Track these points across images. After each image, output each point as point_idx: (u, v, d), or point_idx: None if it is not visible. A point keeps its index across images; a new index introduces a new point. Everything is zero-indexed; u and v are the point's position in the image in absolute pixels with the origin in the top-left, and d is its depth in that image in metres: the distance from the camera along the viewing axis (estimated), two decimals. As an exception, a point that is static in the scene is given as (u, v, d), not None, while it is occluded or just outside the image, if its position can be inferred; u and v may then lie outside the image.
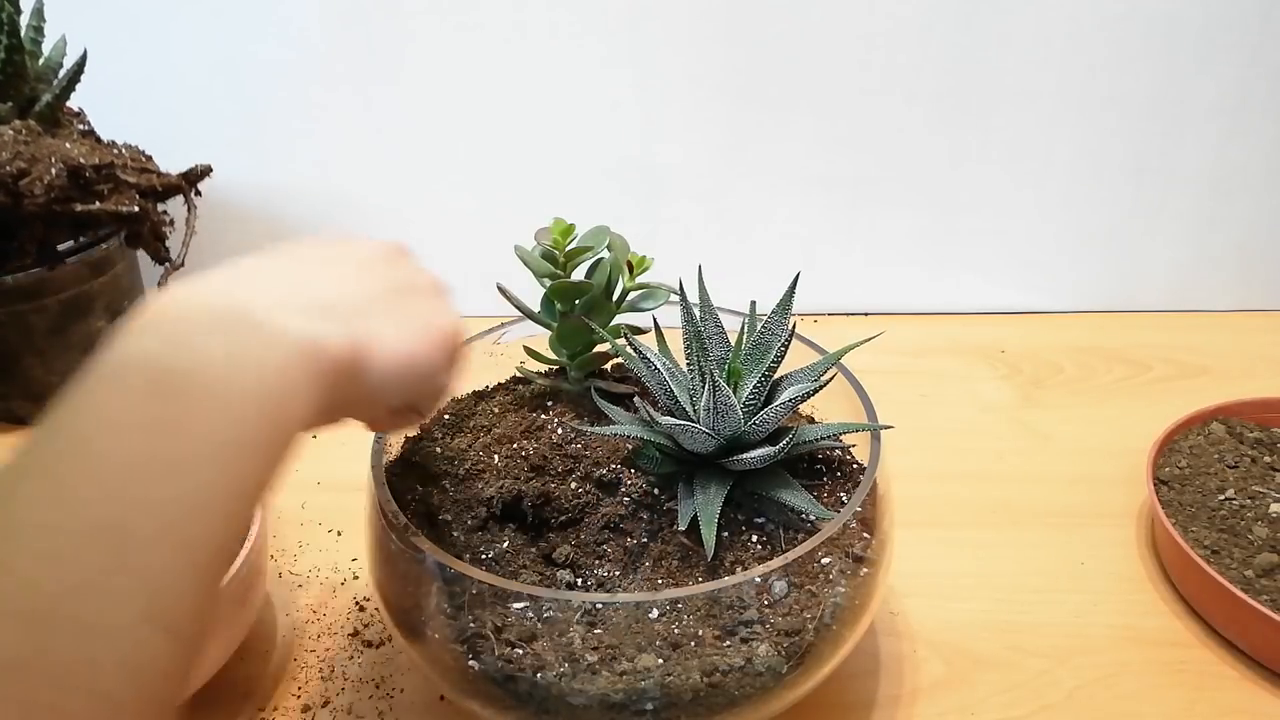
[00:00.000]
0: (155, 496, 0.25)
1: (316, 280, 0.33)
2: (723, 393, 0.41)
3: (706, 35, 0.76)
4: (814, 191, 0.83)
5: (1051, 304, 0.87)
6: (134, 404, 0.27)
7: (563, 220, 0.49)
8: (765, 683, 0.39)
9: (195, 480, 0.26)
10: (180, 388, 0.27)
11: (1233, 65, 0.75)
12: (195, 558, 0.26)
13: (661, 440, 0.45)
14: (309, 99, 0.80)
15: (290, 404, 0.29)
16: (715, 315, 0.47)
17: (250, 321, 0.29)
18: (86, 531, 0.24)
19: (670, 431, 0.44)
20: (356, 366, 0.32)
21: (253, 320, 0.29)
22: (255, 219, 0.85)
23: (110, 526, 0.25)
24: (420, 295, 0.37)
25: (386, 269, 0.37)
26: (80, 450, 0.26)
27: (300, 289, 0.32)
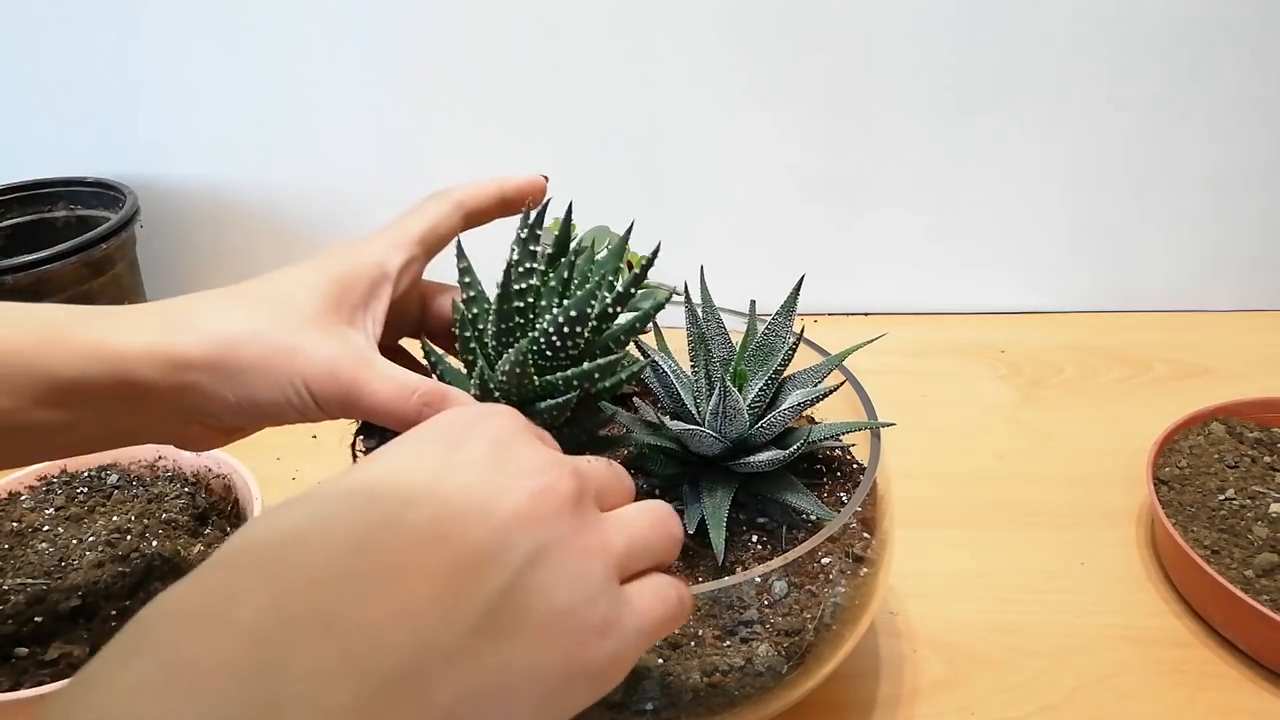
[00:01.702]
0: None
1: (371, 614, 0.23)
2: (732, 397, 0.41)
3: (706, 35, 0.76)
4: (814, 191, 0.83)
5: (1051, 304, 0.87)
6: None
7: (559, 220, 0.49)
8: (765, 683, 0.39)
9: None
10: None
11: (1233, 65, 0.75)
12: None
13: (668, 444, 0.45)
14: (310, 99, 0.80)
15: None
16: (718, 316, 0.47)
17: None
18: None
19: (678, 436, 0.44)
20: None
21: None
22: (255, 219, 0.85)
23: None
24: (561, 610, 0.25)
25: (502, 559, 0.24)
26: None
27: (349, 650, 0.22)
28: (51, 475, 0.54)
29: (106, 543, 0.49)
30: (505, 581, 0.24)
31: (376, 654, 0.22)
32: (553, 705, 0.25)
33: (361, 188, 0.84)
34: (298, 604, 0.22)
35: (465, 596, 0.24)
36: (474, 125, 0.81)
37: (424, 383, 0.35)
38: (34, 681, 0.41)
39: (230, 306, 0.36)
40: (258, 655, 0.21)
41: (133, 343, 0.34)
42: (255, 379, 0.35)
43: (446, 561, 0.24)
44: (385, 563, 0.23)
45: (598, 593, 0.26)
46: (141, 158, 0.83)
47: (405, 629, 0.23)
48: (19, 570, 0.48)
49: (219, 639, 0.21)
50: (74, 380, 0.34)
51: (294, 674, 0.21)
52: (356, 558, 0.23)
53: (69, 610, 0.45)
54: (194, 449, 0.39)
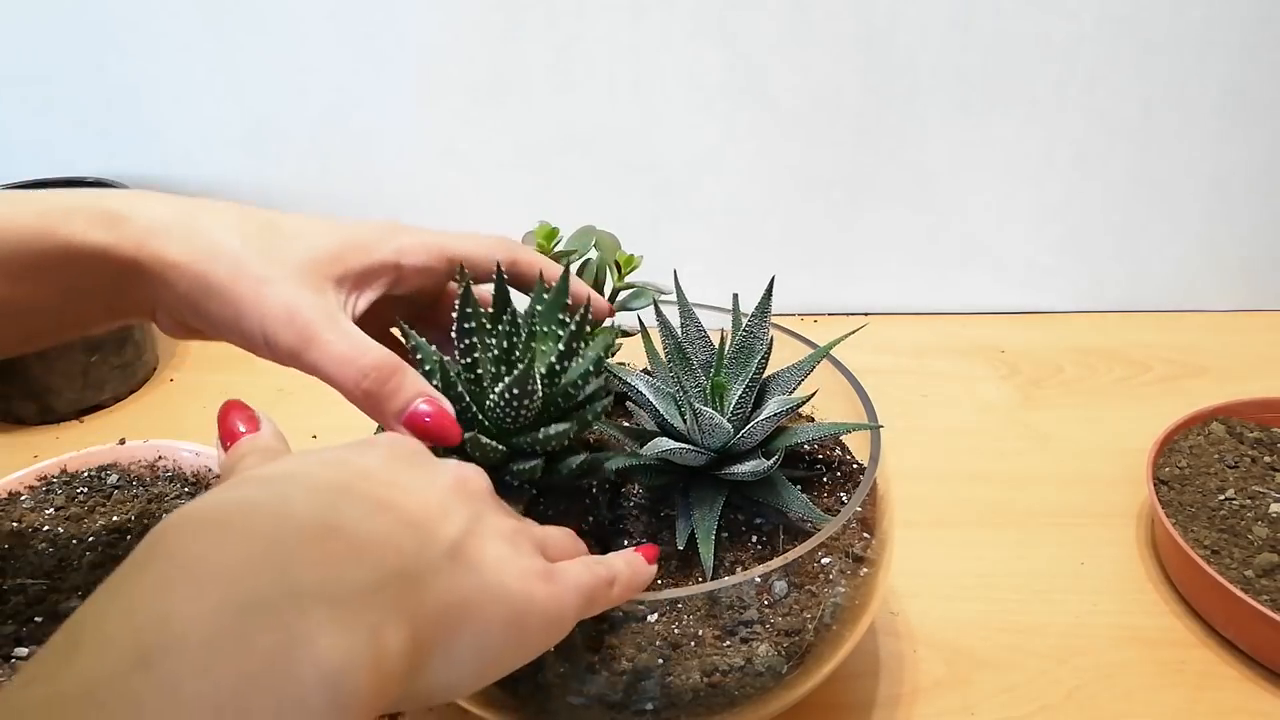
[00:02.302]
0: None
1: (366, 530, 0.26)
2: (705, 416, 0.41)
3: (706, 35, 0.76)
4: (814, 191, 0.83)
5: (1051, 304, 0.87)
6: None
7: (547, 224, 0.49)
8: (765, 683, 0.39)
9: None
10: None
11: (1232, 65, 0.76)
12: None
13: (652, 462, 0.45)
14: (310, 99, 0.80)
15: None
16: (697, 320, 0.47)
17: (278, 624, 0.22)
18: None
19: (659, 456, 0.43)
20: (414, 665, 0.26)
21: (281, 622, 0.22)
22: (255, 219, 0.85)
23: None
24: (495, 536, 0.30)
25: (441, 501, 0.30)
26: None
27: (351, 551, 0.25)
28: (51, 475, 0.54)
29: (106, 543, 0.49)
30: (459, 529, 0.29)
31: (375, 557, 0.25)
32: (515, 633, 0.29)
33: (362, 188, 0.84)
34: (304, 513, 0.25)
35: (432, 533, 0.28)
36: (472, 124, 0.81)
37: (382, 353, 0.36)
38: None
39: (233, 224, 0.37)
40: (272, 554, 0.24)
41: (135, 233, 0.36)
42: (218, 294, 0.36)
43: (410, 511, 0.28)
44: (367, 501, 0.27)
45: (531, 552, 0.31)
46: (141, 158, 0.84)
47: (394, 545, 0.26)
48: (19, 570, 0.48)
49: (234, 540, 0.24)
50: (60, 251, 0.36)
51: (305, 567, 0.24)
52: (347, 493, 0.27)
53: (69, 610, 0.45)
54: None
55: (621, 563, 0.35)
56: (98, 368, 0.74)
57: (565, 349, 0.39)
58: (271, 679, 0.21)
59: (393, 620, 0.25)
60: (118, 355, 0.75)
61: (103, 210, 0.36)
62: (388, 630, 0.24)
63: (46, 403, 0.73)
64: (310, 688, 0.22)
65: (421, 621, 0.26)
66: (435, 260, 0.40)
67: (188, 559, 0.23)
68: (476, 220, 0.83)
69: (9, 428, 0.74)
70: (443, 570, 0.27)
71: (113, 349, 0.75)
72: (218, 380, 0.79)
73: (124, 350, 0.76)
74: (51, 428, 0.73)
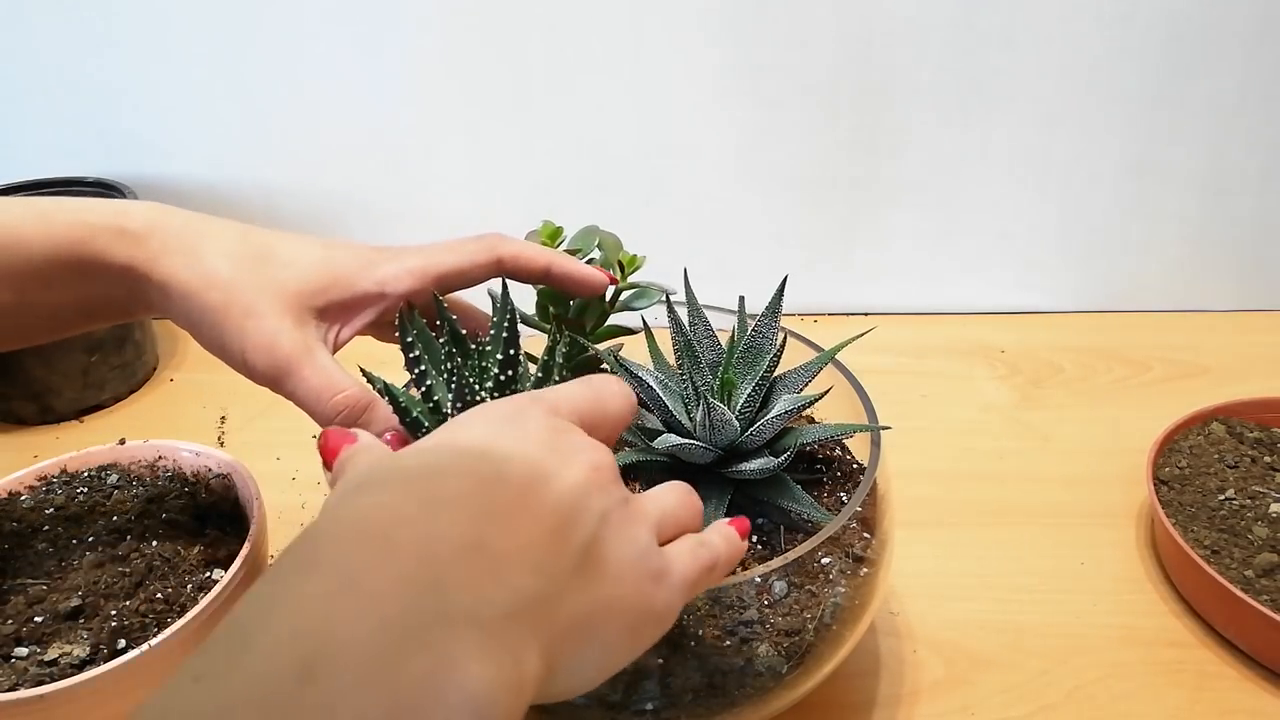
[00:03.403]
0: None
1: (503, 544, 0.26)
2: (717, 411, 0.41)
3: (707, 35, 0.76)
4: (814, 191, 0.83)
5: (1051, 304, 0.87)
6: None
7: (551, 223, 0.49)
8: (765, 683, 0.39)
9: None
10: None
11: (1233, 65, 0.75)
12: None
13: (660, 458, 0.45)
14: (310, 99, 0.80)
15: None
16: (705, 319, 0.47)
17: (431, 647, 0.23)
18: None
19: (668, 452, 0.44)
20: (542, 682, 0.26)
21: (433, 645, 0.23)
22: (256, 219, 0.85)
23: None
24: (624, 568, 0.30)
25: (580, 502, 0.29)
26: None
27: (492, 570, 0.26)
28: (51, 475, 0.54)
29: (106, 543, 0.49)
30: (587, 535, 0.29)
31: (517, 576, 0.26)
32: (631, 639, 0.30)
33: (362, 188, 0.84)
34: (454, 531, 0.26)
35: (563, 543, 0.28)
36: (472, 124, 0.81)
37: (354, 387, 0.39)
38: (34, 681, 0.41)
39: (231, 249, 0.40)
40: (425, 571, 0.24)
41: (152, 252, 0.40)
42: (209, 318, 0.39)
43: (545, 514, 0.28)
44: (506, 505, 0.27)
45: (646, 549, 0.30)
46: (141, 158, 0.84)
47: (530, 560, 0.27)
48: (19, 570, 0.48)
49: (390, 556, 0.24)
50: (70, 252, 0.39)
51: (456, 588, 0.25)
52: (486, 498, 0.27)
53: (69, 610, 0.45)
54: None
55: (721, 542, 0.35)
56: (98, 368, 0.74)
57: (504, 358, 0.39)
58: (422, 702, 0.22)
59: (530, 643, 0.25)
60: (118, 355, 0.75)
61: (124, 229, 0.40)
62: (527, 653, 0.25)
63: (46, 403, 0.73)
64: (456, 712, 0.23)
65: (551, 640, 0.26)
66: (421, 283, 0.42)
67: (350, 572, 0.24)
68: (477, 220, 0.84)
69: (9, 428, 0.74)
70: (572, 587, 0.27)
71: (113, 349, 0.75)
72: (218, 380, 0.79)
73: (124, 350, 0.76)
74: (51, 428, 0.73)
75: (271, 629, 0.23)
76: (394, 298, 0.41)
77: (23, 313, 0.41)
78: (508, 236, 0.44)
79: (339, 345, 0.42)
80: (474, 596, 0.25)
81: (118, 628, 0.44)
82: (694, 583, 0.32)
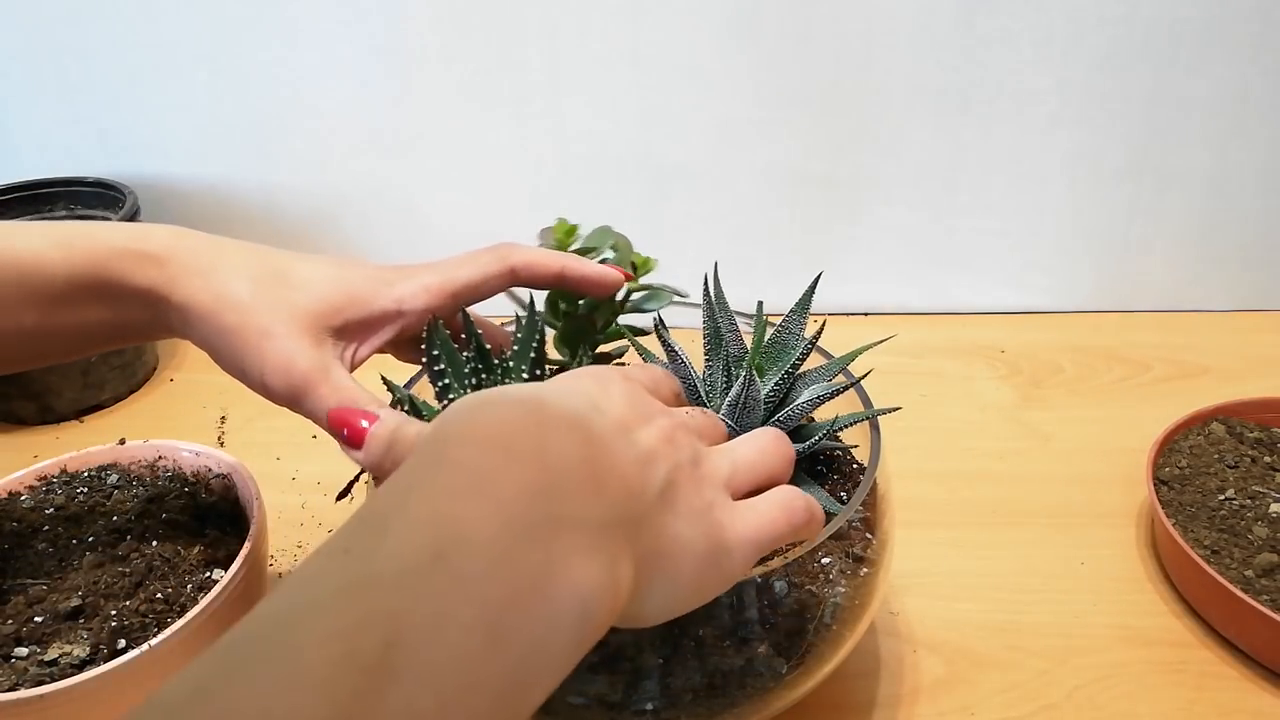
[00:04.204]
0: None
1: (605, 461, 0.29)
2: (755, 386, 0.42)
3: (708, 35, 0.76)
4: (814, 191, 0.83)
5: (1051, 304, 0.87)
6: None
7: (565, 220, 0.49)
8: (765, 683, 0.39)
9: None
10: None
11: (1233, 65, 0.75)
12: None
13: None
14: (310, 98, 0.80)
15: (556, 658, 0.26)
16: (731, 314, 0.47)
17: (544, 544, 0.26)
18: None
19: None
20: (629, 596, 0.29)
21: (546, 543, 0.26)
22: (255, 219, 0.85)
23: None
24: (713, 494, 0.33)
25: (670, 442, 0.32)
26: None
27: (597, 483, 0.29)
28: (51, 475, 0.54)
29: (106, 543, 0.49)
30: (664, 476, 0.31)
31: (614, 493, 0.29)
32: (696, 582, 0.31)
33: (361, 188, 0.84)
34: (564, 446, 0.29)
35: (646, 476, 0.30)
36: (474, 125, 0.81)
37: (371, 404, 0.39)
38: (34, 681, 0.41)
39: (247, 270, 0.41)
40: (541, 478, 0.27)
41: (173, 275, 0.41)
42: (225, 339, 0.40)
43: (633, 450, 0.31)
44: (599, 438, 0.30)
45: (711, 503, 0.32)
46: (141, 158, 0.84)
47: (622, 484, 0.29)
48: (19, 570, 0.48)
49: (512, 462, 0.27)
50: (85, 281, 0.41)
51: (566, 496, 0.27)
52: (588, 424, 0.30)
53: (69, 610, 0.45)
54: None
55: (818, 502, 0.36)
56: (98, 368, 0.74)
57: (530, 377, 0.40)
58: (536, 592, 0.25)
59: (624, 554, 0.28)
60: (118, 355, 0.75)
61: (144, 253, 0.41)
62: (622, 562, 0.28)
63: (46, 403, 0.73)
64: (564, 606, 0.26)
65: (637, 558, 0.29)
66: (438, 299, 0.42)
67: (476, 473, 0.27)
68: (477, 221, 0.84)
69: (9, 428, 0.74)
70: (653, 514, 0.30)
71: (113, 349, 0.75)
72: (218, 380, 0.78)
73: (124, 350, 0.76)
74: (51, 428, 0.73)
75: (409, 514, 0.26)
76: (411, 315, 0.42)
77: (44, 336, 0.41)
78: (518, 245, 0.45)
79: (356, 364, 0.42)
80: (581, 505, 0.27)
81: (118, 628, 0.44)
82: (761, 542, 0.33)
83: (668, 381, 0.39)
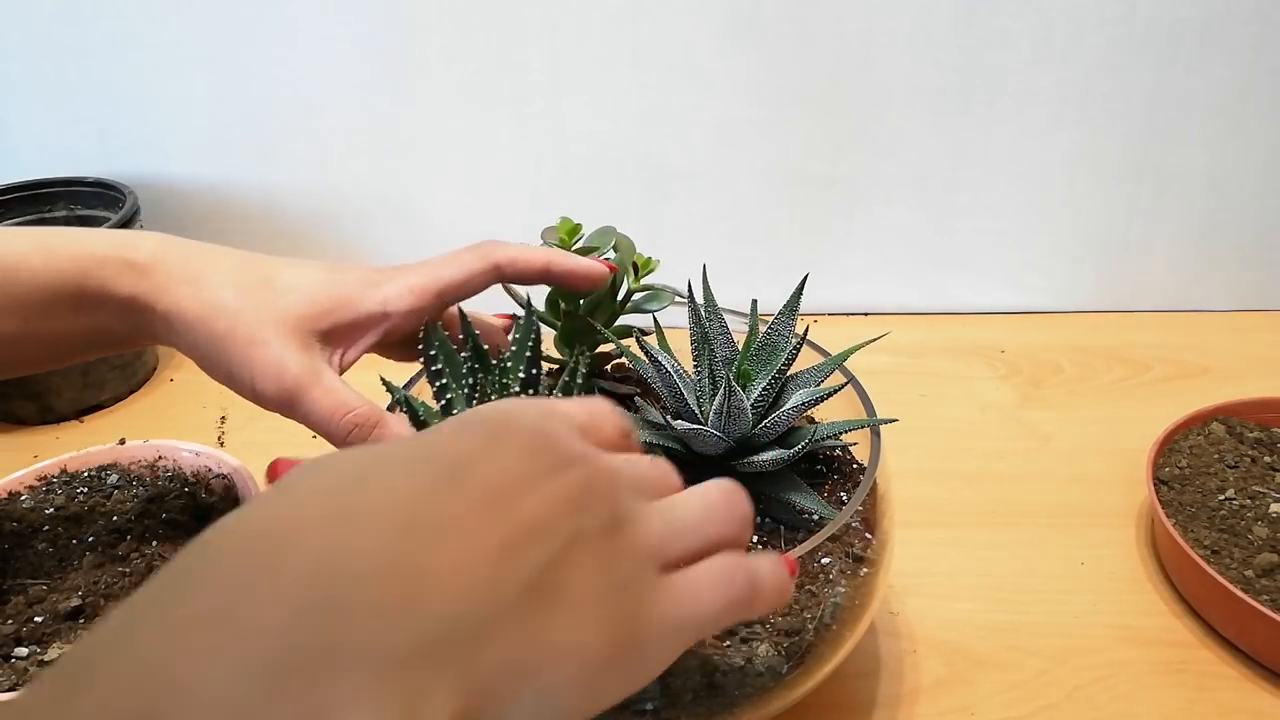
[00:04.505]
0: None
1: (436, 560, 0.22)
2: (736, 396, 0.42)
3: (707, 35, 0.76)
4: (813, 191, 0.83)
5: (1051, 304, 0.87)
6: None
7: (569, 219, 0.49)
8: (765, 683, 0.39)
9: None
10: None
11: (1233, 65, 0.75)
12: None
13: (670, 444, 0.45)
14: (310, 98, 0.80)
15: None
16: (720, 316, 0.47)
17: (306, 691, 0.19)
18: None
19: (682, 436, 0.44)
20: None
21: (309, 690, 0.19)
22: (255, 219, 0.85)
23: None
24: (621, 583, 0.25)
25: (549, 529, 0.25)
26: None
27: (409, 595, 0.21)
28: (51, 475, 0.54)
29: (106, 543, 0.49)
30: (548, 555, 0.24)
31: (439, 602, 0.22)
32: (584, 690, 0.25)
33: (361, 188, 0.84)
34: (364, 546, 0.22)
35: (513, 562, 0.24)
36: (474, 125, 0.81)
37: (363, 405, 0.39)
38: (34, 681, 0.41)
39: (233, 278, 0.41)
40: (316, 594, 0.20)
41: (158, 284, 0.40)
42: (215, 347, 0.40)
43: (498, 527, 0.24)
44: (445, 518, 0.23)
45: (627, 581, 0.26)
46: (141, 158, 0.83)
47: (462, 583, 0.22)
48: (19, 570, 0.48)
49: (276, 575, 0.21)
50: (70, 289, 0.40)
51: (352, 616, 0.20)
52: (421, 509, 0.23)
53: (69, 610, 0.45)
54: None
55: (766, 575, 0.29)
56: (98, 368, 0.74)
57: (526, 377, 0.40)
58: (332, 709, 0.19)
59: (439, 684, 0.21)
60: (117, 355, 0.75)
61: (128, 261, 0.40)
62: (434, 697, 0.21)
63: (46, 403, 0.73)
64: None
65: (473, 682, 0.22)
66: (423, 300, 0.42)
67: (224, 594, 0.20)
68: (477, 221, 0.84)
69: (9, 428, 0.74)
70: (510, 618, 0.23)
71: (113, 349, 0.75)
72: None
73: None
74: (51, 428, 0.73)
75: (117, 663, 0.19)
76: (397, 316, 0.42)
77: (26, 343, 0.41)
78: (501, 242, 0.45)
79: (345, 366, 0.42)
80: (373, 627, 0.21)
81: (118, 628, 0.44)
82: (686, 630, 0.27)
83: (612, 419, 0.31)
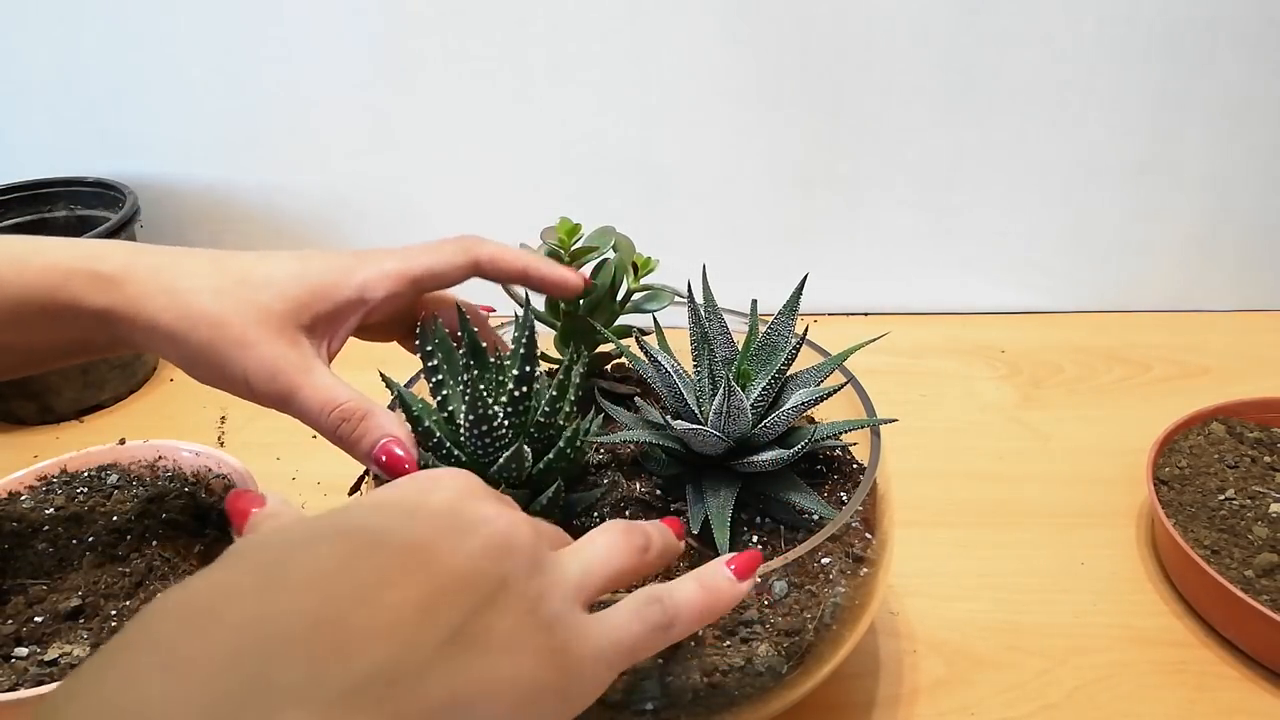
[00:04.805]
0: None
1: (360, 618, 0.24)
2: (736, 397, 0.41)
3: (708, 35, 0.76)
4: (814, 191, 0.83)
5: (1051, 304, 0.87)
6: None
7: (569, 219, 0.49)
8: (765, 683, 0.39)
9: None
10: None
11: (1232, 65, 0.75)
12: None
13: (670, 444, 0.45)
14: (310, 98, 0.80)
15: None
16: (720, 316, 0.47)
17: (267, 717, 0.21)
18: None
19: (682, 436, 0.44)
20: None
21: (271, 714, 0.21)
22: (255, 219, 0.85)
23: None
24: (526, 631, 0.27)
25: (467, 589, 0.27)
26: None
27: (338, 646, 0.23)
28: (51, 475, 0.54)
29: (106, 543, 0.49)
30: (475, 603, 0.26)
31: (364, 652, 0.23)
32: (528, 717, 0.26)
33: (361, 188, 0.84)
34: (292, 602, 0.24)
35: (440, 612, 0.25)
36: (474, 125, 0.81)
37: (351, 398, 0.40)
38: (34, 681, 0.41)
39: (208, 282, 0.40)
40: (252, 645, 0.22)
41: (131, 297, 0.40)
42: (204, 355, 0.40)
43: (424, 582, 0.26)
44: (371, 578, 0.25)
45: (553, 618, 0.28)
46: (141, 158, 0.84)
47: (389, 634, 0.24)
48: (19, 570, 0.48)
49: (212, 630, 0.22)
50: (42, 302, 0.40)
51: (288, 664, 0.22)
52: (347, 571, 0.25)
53: (69, 610, 0.45)
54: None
55: (689, 593, 0.32)
56: (98, 368, 0.74)
57: (520, 374, 0.40)
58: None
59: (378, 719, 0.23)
60: (118, 355, 0.75)
61: (97, 273, 0.40)
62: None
63: (46, 403, 0.73)
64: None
65: (410, 719, 0.24)
66: (398, 285, 0.43)
67: (163, 648, 0.22)
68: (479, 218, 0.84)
69: (9, 428, 0.74)
70: (441, 659, 0.25)
71: (113, 349, 0.75)
72: (218, 380, 0.79)
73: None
74: (51, 428, 0.73)
75: (87, 702, 0.21)
76: (374, 302, 0.42)
77: (4, 352, 0.41)
78: (484, 238, 0.45)
79: (332, 355, 0.42)
80: (308, 673, 0.22)
81: (118, 628, 0.44)
82: (614, 659, 0.29)
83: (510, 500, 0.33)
